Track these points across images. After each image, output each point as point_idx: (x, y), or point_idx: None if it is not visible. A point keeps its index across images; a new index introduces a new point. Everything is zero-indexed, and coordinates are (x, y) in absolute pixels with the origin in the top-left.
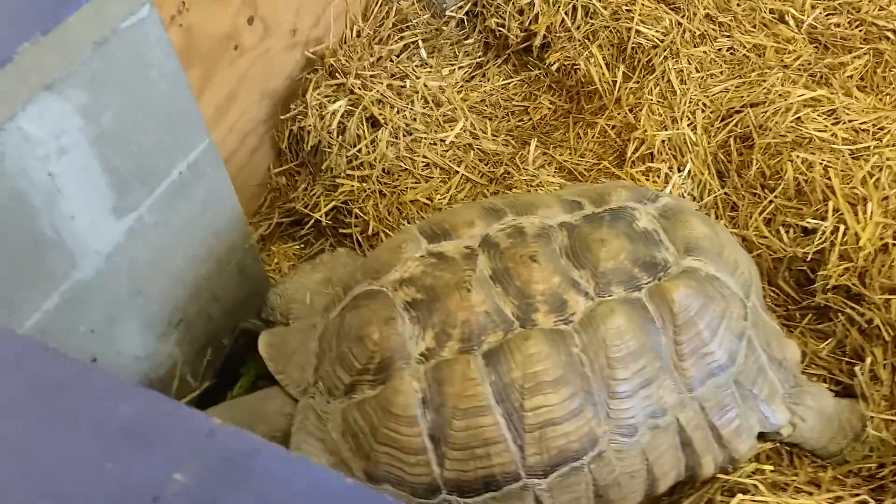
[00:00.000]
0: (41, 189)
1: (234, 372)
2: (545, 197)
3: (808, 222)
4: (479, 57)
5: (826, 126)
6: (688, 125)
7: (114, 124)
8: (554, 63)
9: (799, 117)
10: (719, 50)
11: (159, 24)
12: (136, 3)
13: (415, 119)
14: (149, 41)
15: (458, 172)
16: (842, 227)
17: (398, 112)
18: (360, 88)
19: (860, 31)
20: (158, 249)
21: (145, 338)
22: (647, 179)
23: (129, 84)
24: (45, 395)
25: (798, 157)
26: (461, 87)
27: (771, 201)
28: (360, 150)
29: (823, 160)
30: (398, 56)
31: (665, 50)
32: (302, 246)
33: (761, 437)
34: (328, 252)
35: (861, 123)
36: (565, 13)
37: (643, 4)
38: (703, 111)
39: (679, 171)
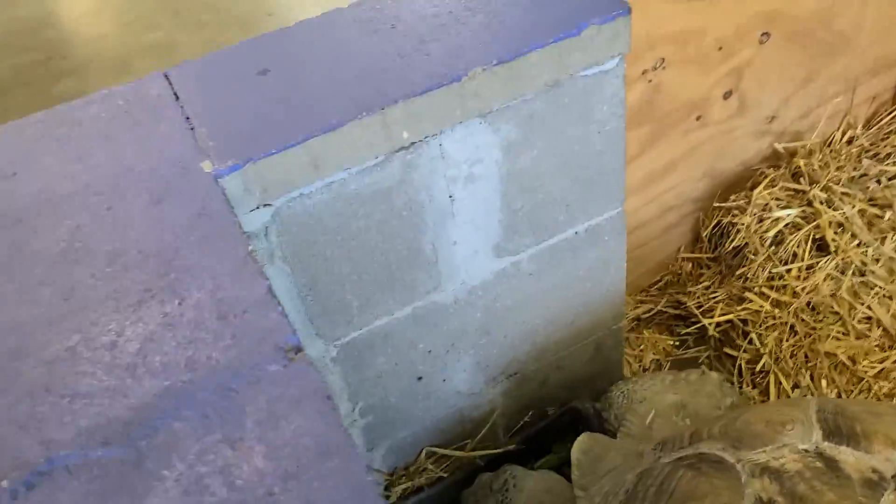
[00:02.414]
0: (437, 208)
1: (545, 443)
2: None
3: None
4: None
5: None
6: None
7: (530, 167)
8: None
9: None
10: None
11: (621, 79)
12: (605, 55)
13: (877, 260)
14: (602, 94)
15: None
16: None
17: (859, 245)
18: (822, 203)
19: None
20: (522, 300)
21: (475, 376)
22: None
23: (562, 132)
24: None
25: None
26: None
27: None
28: (789, 271)
29: None
30: (891, 180)
31: None
32: (678, 344)
33: None
34: (698, 371)
35: None
36: None
37: None
38: None
39: None
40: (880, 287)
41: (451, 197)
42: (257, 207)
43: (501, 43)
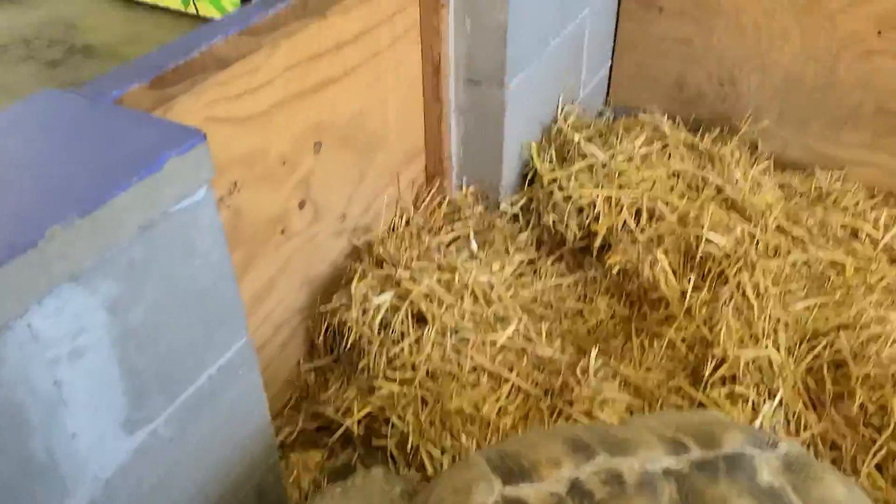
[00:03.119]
0: (42, 401)
1: None
2: (640, 431)
3: None
4: (532, 253)
5: None
6: (772, 345)
7: (144, 321)
8: (614, 265)
9: None
10: (794, 264)
11: (213, 207)
12: (194, 185)
13: (463, 317)
14: (199, 226)
15: (508, 381)
16: None
17: (447, 308)
18: (408, 281)
19: None
20: (169, 470)
21: None
22: (734, 407)
23: (169, 274)
24: None
25: None
26: (511, 283)
27: (883, 445)
28: (402, 350)
29: None
30: (447, 248)
31: (738, 261)
32: (327, 456)
33: None
34: (361, 473)
35: None
36: (629, 215)
37: (712, 211)
38: (785, 331)
39: (770, 398)
40: (473, 338)
41: (56, 383)
42: None
43: (78, 193)
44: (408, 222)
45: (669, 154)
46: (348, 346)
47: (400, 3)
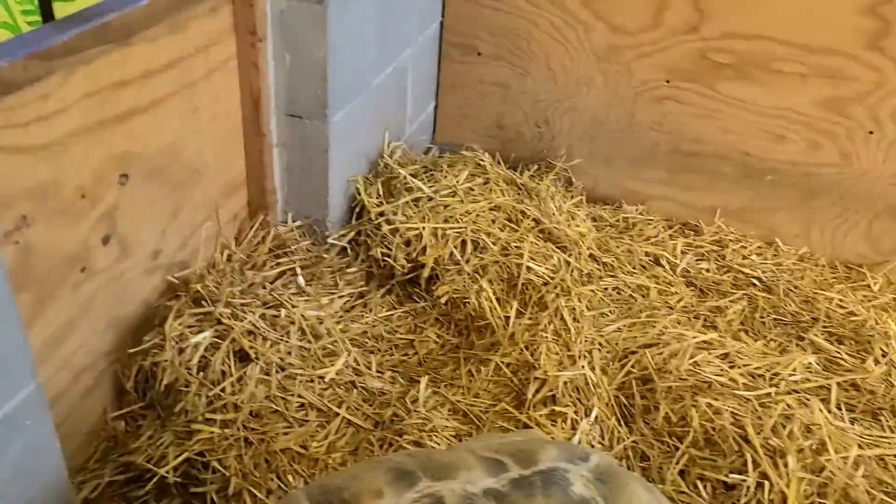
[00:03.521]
0: None
1: None
2: (461, 454)
3: (728, 477)
4: (362, 286)
5: (723, 370)
6: (587, 365)
7: None
8: (442, 296)
9: (695, 361)
10: (606, 289)
11: None
12: None
13: (290, 353)
14: None
15: (338, 415)
16: (766, 484)
17: (272, 345)
18: (229, 318)
19: (729, 276)
20: None
21: None
22: (554, 425)
23: None
24: None
25: (702, 402)
26: (341, 317)
27: (684, 452)
28: (223, 390)
29: (729, 407)
30: (273, 283)
31: (556, 287)
32: None
33: None
34: None
35: (755, 368)
36: (454, 246)
37: (532, 242)
38: (599, 351)
39: (587, 415)
40: (301, 374)
41: None
42: None
43: None
44: (229, 258)
45: (491, 189)
46: (163, 389)
47: (214, 36)
